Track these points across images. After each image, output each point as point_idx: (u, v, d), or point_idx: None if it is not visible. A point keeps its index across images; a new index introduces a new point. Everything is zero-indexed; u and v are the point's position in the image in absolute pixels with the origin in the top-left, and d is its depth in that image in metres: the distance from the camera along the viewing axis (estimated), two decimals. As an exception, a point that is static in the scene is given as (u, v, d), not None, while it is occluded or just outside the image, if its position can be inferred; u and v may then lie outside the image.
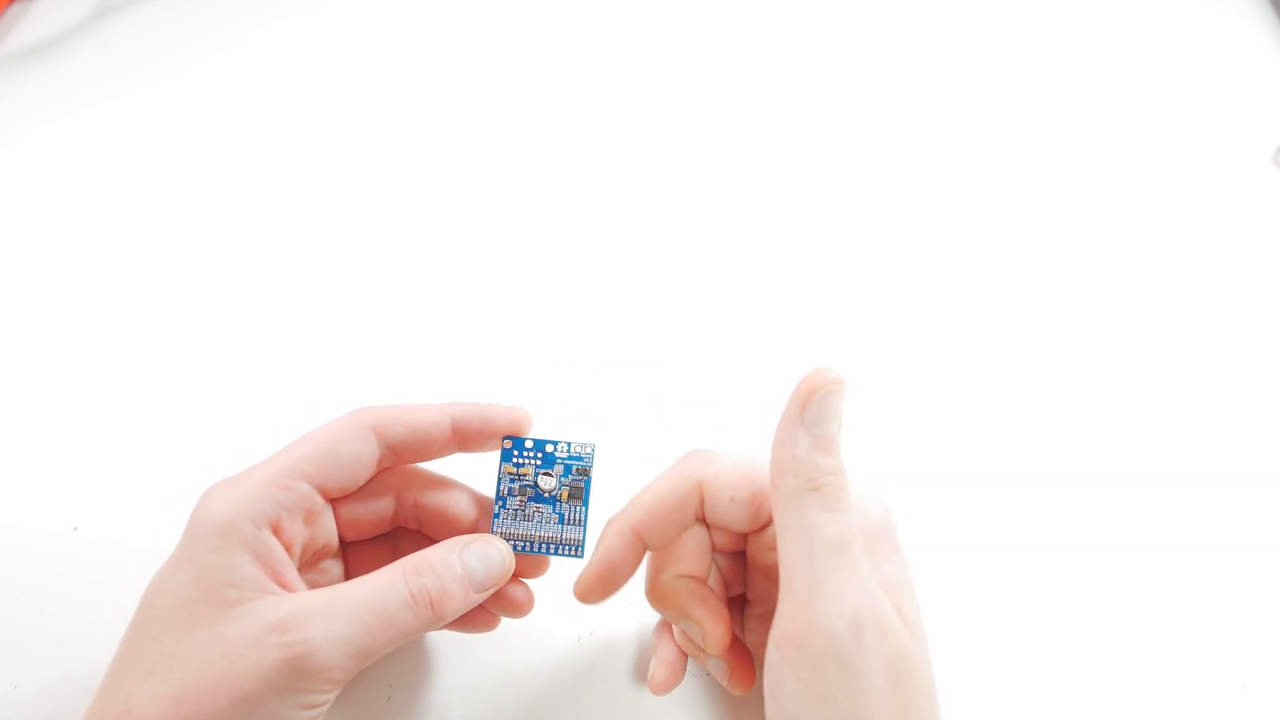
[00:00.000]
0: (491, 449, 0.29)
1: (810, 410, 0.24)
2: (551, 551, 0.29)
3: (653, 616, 0.32)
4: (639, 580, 0.32)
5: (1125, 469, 0.37)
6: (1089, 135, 0.50)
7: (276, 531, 0.25)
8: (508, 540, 0.28)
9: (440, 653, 0.32)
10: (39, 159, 0.50)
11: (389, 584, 0.25)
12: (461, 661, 0.32)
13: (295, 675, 0.23)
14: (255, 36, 0.57)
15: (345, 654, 0.23)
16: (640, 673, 0.32)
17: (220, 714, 0.23)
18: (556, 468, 0.29)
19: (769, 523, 0.27)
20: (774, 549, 0.25)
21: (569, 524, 0.29)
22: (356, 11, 0.58)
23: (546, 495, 0.29)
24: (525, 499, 0.28)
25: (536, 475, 0.29)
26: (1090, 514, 0.36)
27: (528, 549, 0.28)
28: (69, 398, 0.40)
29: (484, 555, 0.27)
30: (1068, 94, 0.52)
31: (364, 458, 0.27)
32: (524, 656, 0.32)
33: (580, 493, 0.29)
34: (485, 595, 0.27)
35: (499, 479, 0.29)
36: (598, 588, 0.27)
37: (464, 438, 0.28)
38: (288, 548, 0.26)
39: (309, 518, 0.27)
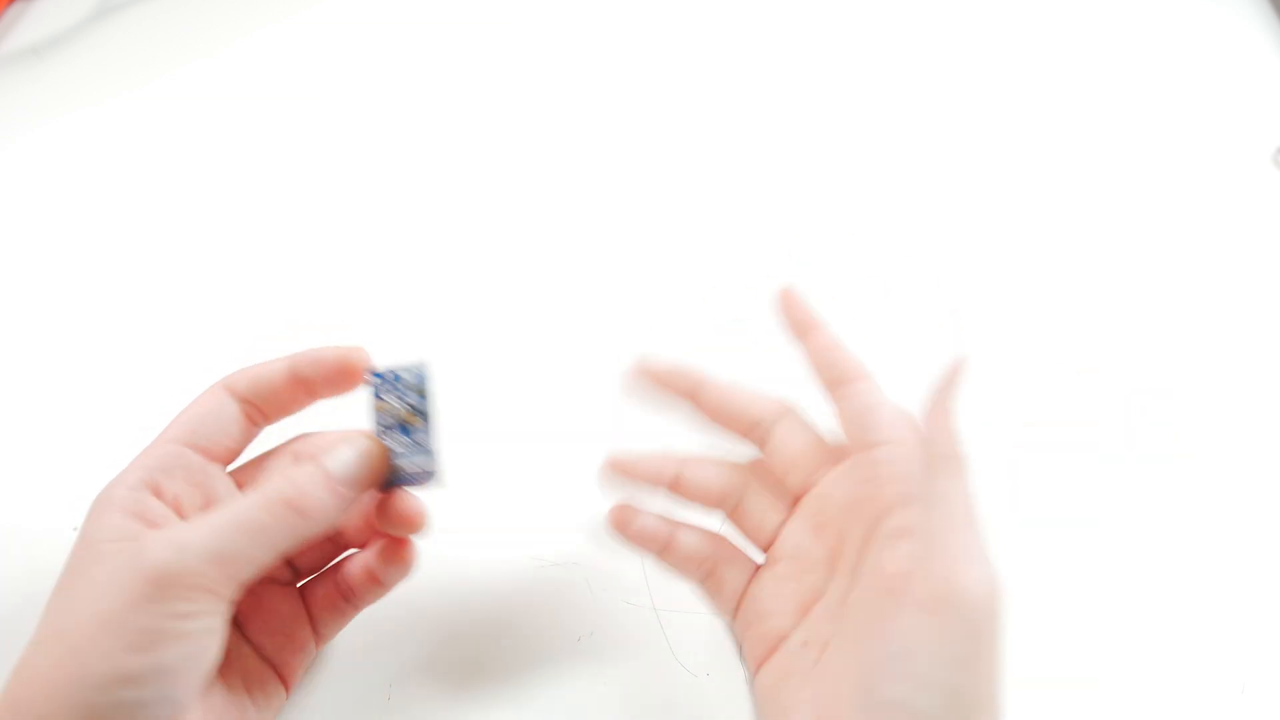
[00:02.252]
0: (342, 391, 0.29)
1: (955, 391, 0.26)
2: (410, 481, 0.28)
3: (651, 620, 0.33)
4: (642, 580, 0.32)
5: (1125, 468, 0.37)
6: (1089, 135, 0.50)
7: (159, 494, 0.27)
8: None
9: (440, 653, 0.32)
10: (39, 159, 0.50)
11: (246, 495, 0.25)
12: (461, 662, 0.32)
13: (151, 583, 0.23)
14: (255, 36, 0.57)
15: (200, 558, 0.24)
16: (639, 673, 0.32)
17: (84, 636, 0.23)
18: (395, 394, 0.28)
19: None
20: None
21: (419, 451, 0.28)
22: (355, 13, 0.59)
23: (401, 425, 0.28)
24: (394, 432, 0.28)
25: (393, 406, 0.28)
26: (1090, 514, 0.36)
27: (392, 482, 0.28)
28: (69, 398, 0.40)
29: (342, 453, 0.26)
30: (1068, 94, 0.52)
31: (226, 412, 0.28)
32: (524, 657, 0.32)
33: (421, 414, 0.28)
34: (355, 490, 0.26)
35: (373, 417, 0.28)
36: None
37: (306, 382, 0.29)
38: (175, 507, 0.27)
39: (189, 476, 0.28)
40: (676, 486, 0.30)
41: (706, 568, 0.30)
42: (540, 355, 0.41)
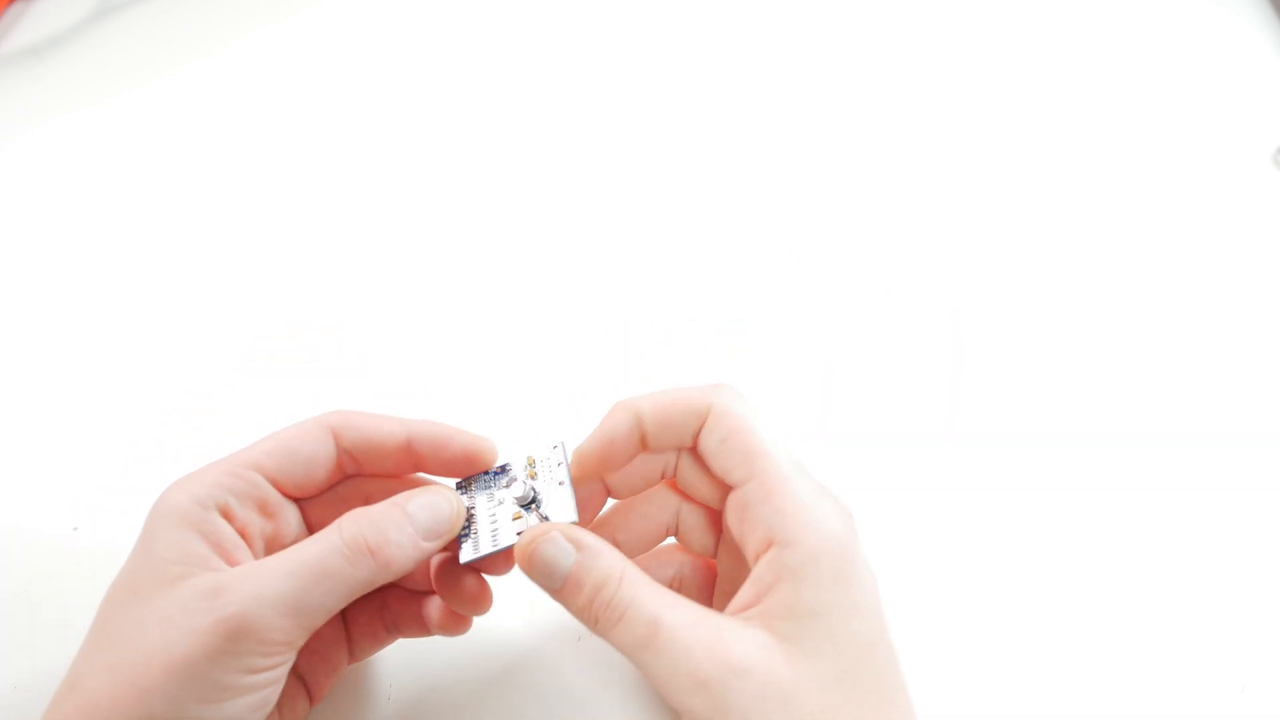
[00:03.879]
0: (454, 475, 0.28)
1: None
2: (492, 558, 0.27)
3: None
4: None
5: (1124, 467, 0.37)
6: (1089, 135, 0.50)
7: (228, 517, 0.25)
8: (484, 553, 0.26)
9: (440, 652, 0.32)
10: (39, 159, 0.50)
11: (324, 537, 0.24)
12: (461, 661, 0.32)
13: (227, 637, 0.22)
14: (255, 36, 0.57)
15: (277, 611, 0.23)
16: (640, 673, 0.32)
17: (153, 680, 0.22)
18: (526, 473, 0.27)
19: (740, 485, 0.26)
20: (740, 521, 0.26)
21: (556, 504, 0.26)
22: (355, 13, 0.59)
23: (526, 505, 0.27)
24: (494, 520, 0.27)
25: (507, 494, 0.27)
26: (1089, 513, 0.36)
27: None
28: (69, 398, 0.40)
29: (429, 503, 0.25)
30: (1068, 94, 0.52)
31: (320, 457, 0.27)
32: (524, 656, 0.32)
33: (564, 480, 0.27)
34: (436, 544, 0.25)
35: (521, 477, 0.27)
36: (595, 461, 0.27)
37: (418, 457, 0.27)
38: (242, 533, 0.26)
39: (264, 508, 0.26)
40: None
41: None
42: (540, 356, 0.41)
